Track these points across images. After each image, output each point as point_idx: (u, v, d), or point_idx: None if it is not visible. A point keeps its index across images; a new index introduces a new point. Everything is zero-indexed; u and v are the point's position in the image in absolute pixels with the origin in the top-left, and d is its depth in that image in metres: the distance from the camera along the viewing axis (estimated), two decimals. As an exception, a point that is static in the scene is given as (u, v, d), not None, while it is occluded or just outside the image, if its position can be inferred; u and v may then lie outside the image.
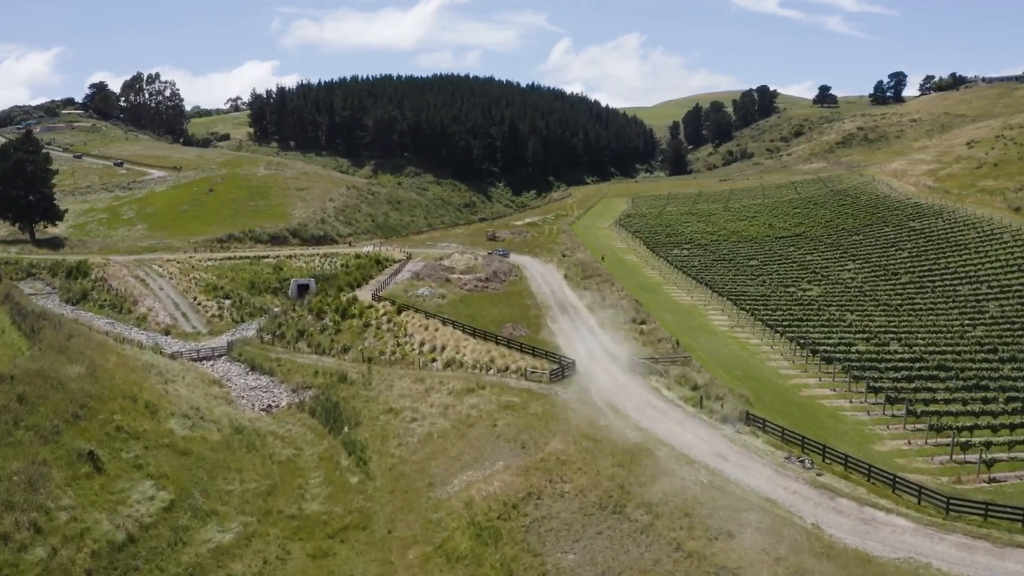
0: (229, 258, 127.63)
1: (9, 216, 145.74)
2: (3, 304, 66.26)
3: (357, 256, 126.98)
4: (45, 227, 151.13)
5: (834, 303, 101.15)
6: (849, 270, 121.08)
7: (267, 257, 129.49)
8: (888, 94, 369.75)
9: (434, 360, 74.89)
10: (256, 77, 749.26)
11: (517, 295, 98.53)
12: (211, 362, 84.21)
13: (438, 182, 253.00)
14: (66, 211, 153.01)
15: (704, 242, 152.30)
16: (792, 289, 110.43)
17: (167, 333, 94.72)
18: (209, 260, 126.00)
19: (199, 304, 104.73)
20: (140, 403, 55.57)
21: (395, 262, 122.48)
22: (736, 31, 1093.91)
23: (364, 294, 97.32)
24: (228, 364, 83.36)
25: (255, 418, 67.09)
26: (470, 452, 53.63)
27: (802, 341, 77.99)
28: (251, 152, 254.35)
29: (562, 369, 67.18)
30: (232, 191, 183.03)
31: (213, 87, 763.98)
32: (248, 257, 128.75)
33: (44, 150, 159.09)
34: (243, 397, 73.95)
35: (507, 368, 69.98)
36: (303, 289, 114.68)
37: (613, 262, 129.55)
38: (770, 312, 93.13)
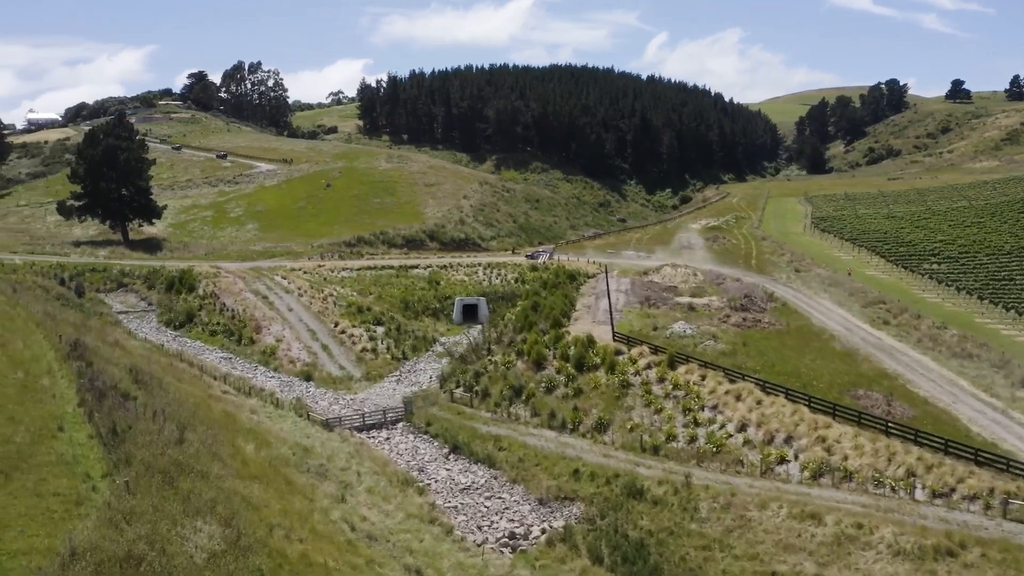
0: (369, 268, 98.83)
1: (98, 213, 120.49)
2: (67, 360, 37.54)
3: (533, 268, 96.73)
4: (140, 226, 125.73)
5: None
6: None
7: (416, 267, 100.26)
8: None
9: (783, 461, 43.61)
10: (349, 75, 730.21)
11: (811, 335, 66.74)
12: (385, 433, 54.72)
13: (567, 179, 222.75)
14: (164, 208, 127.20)
15: (951, 254, 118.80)
16: None
17: (308, 378, 65.85)
18: (344, 270, 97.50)
19: (343, 332, 75.84)
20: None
21: (587, 277, 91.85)
22: (830, 29, 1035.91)
23: (591, 328, 66.48)
24: (412, 438, 53.68)
25: (504, 572, 36.88)
26: None
27: None
28: (363, 145, 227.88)
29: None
30: (352, 186, 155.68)
31: (304, 85, 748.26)
32: (392, 267, 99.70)
33: (139, 137, 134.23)
34: (457, 510, 43.96)
35: (951, 490, 38.29)
36: (470, 311, 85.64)
37: (862, 280, 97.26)
38: None
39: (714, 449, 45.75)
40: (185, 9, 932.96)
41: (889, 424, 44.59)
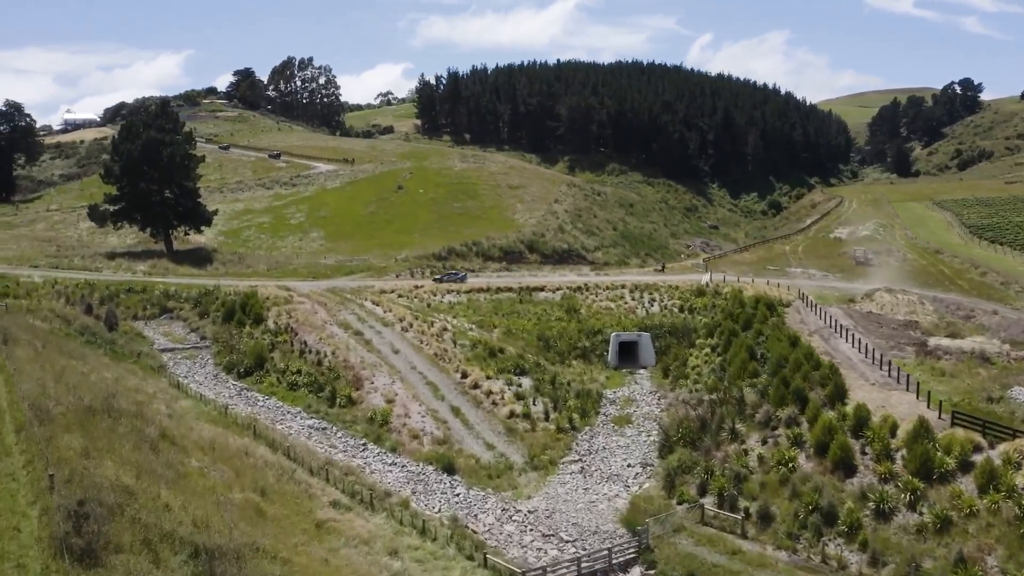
0: (481, 290, 76.78)
1: (136, 218, 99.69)
2: (61, 554, 15.68)
3: (700, 293, 74.15)
4: (186, 234, 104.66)
5: None
6: None
7: (541, 289, 78.00)
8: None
9: None
10: (390, 79, 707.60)
11: None
12: (612, 591, 32.40)
13: (648, 182, 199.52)
14: (215, 213, 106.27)
15: None
16: None
17: (447, 467, 43.49)
18: (449, 293, 75.51)
19: (476, 387, 53.56)
20: None
21: (781, 304, 68.81)
22: (872, 31, 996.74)
23: (883, 398, 43.28)
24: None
25: None
26: None
27: None
28: (425, 144, 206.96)
29: None
30: (428, 189, 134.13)
31: (344, 89, 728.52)
32: (510, 289, 77.56)
33: (186, 130, 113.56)
34: None
35: None
36: (628, 351, 63.48)
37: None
38: None
39: None
40: (221, 14, 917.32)
41: None
